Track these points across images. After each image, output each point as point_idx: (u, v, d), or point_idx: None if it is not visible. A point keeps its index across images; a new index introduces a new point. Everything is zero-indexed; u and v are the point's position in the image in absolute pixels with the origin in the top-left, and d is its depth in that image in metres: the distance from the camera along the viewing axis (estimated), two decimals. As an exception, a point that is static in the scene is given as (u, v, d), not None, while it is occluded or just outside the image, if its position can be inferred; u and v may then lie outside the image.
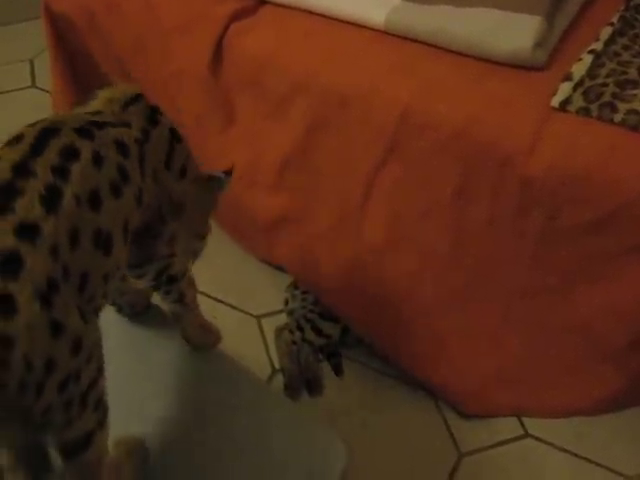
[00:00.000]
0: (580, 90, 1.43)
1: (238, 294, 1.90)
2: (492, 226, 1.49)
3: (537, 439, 1.62)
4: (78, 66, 1.84)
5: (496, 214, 1.48)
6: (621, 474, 1.55)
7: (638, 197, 1.32)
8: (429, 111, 1.47)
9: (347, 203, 1.63)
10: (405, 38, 1.57)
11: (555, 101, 1.42)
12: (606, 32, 1.56)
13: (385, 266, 1.62)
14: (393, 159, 1.54)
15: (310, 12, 1.63)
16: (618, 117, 1.37)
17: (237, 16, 1.64)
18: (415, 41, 1.56)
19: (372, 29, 1.59)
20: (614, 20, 1.59)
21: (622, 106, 1.39)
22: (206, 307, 1.85)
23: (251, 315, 1.86)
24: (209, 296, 1.90)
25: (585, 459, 1.58)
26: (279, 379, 1.72)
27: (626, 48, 1.53)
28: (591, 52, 1.51)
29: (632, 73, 1.47)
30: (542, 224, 1.44)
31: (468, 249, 1.54)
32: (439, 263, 1.58)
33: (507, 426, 1.64)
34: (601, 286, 1.46)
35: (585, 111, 1.40)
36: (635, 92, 1.42)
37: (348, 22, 1.61)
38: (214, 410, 1.14)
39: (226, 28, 1.64)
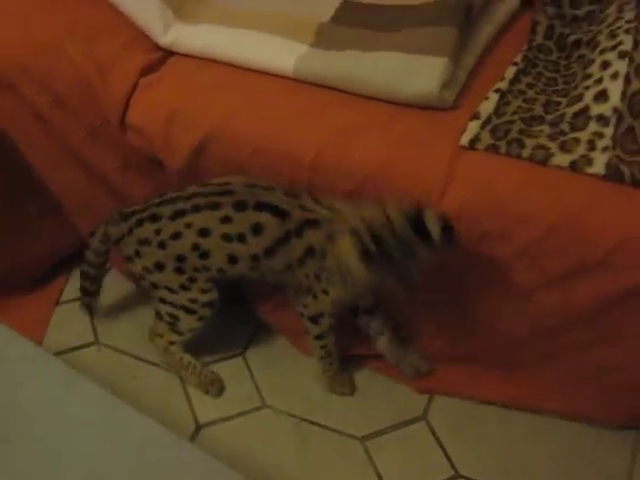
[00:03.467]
0: (488, 128, 1.45)
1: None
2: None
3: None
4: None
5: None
6: None
7: (549, 231, 1.34)
8: (340, 158, 1.46)
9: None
10: (315, 85, 1.57)
11: (464, 139, 1.44)
12: (511, 71, 1.59)
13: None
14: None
15: (218, 62, 1.63)
16: (526, 152, 1.40)
17: (144, 71, 1.62)
18: (325, 87, 1.57)
19: (282, 77, 1.59)
20: (518, 60, 1.62)
21: (529, 142, 1.41)
22: (126, 364, 1.82)
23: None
24: (129, 354, 1.85)
25: None
26: (202, 435, 1.67)
27: (530, 86, 1.57)
28: (497, 91, 1.54)
29: (537, 110, 1.50)
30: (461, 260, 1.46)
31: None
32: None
33: (438, 466, 1.62)
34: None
35: (494, 148, 1.42)
36: (541, 128, 1.45)
37: (258, 71, 1.61)
38: (135, 469, 1.11)
39: (135, 85, 1.61)
